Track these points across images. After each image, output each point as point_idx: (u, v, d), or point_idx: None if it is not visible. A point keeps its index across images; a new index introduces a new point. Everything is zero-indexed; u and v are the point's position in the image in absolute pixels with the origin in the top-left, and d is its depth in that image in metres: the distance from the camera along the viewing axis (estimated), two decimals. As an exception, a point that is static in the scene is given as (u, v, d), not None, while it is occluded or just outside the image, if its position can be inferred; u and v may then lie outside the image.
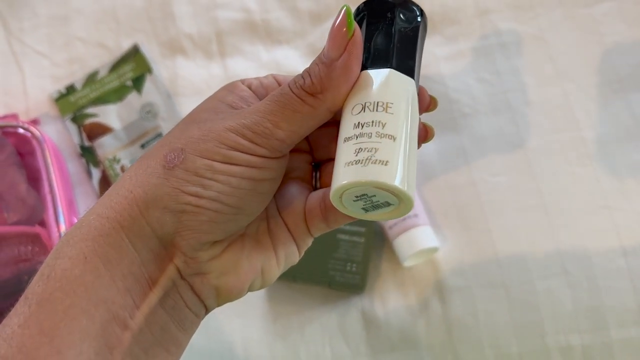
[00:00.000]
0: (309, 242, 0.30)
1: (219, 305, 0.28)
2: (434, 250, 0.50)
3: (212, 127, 0.25)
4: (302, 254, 0.30)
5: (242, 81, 0.28)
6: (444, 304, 0.49)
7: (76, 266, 0.24)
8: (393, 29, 0.26)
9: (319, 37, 0.59)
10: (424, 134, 0.27)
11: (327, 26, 0.59)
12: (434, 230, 0.51)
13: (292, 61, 0.59)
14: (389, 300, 0.50)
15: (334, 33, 0.24)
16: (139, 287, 0.25)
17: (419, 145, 0.26)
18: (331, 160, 0.29)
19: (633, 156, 0.52)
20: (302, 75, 0.25)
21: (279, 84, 0.29)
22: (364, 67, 0.26)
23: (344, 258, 0.50)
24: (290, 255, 0.29)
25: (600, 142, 0.53)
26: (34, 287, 0.24)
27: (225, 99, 0.27)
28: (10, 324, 0.23)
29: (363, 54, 0.26)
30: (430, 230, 0.50)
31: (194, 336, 0.28)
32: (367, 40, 0.27)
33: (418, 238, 0.49)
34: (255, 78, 0.29)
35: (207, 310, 0.28)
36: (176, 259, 0.25)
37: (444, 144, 0.54)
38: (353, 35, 0.24)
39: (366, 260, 0.50)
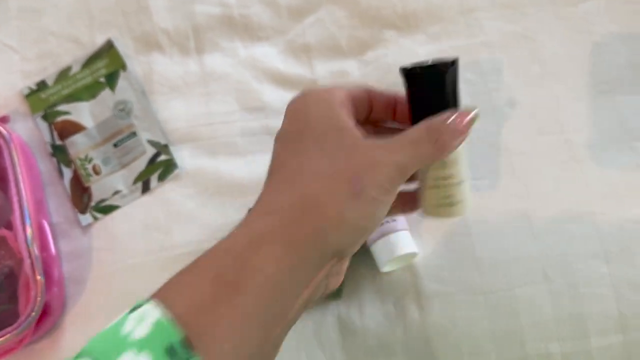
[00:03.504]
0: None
1: None
2: (412, 255, 0.49)
3: (374, 159, 0.31)
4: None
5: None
6: (422, 310, 0.48)
7: (270, 265, 0.30)
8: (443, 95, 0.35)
9: (299, 33, 0.57)
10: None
11: (307, 22, 0.57)
12: (413, 235, 0.49)
13: (271, 58, 0.57)
14: (366, 307, 0.49)
15: (465, 125, 0.36)
16: (301, 289, 0.31)
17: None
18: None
19: (619, 159, 0.51)
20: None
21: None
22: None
23: (320, 263, 0.49)
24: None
25: (586, 145, 0.52)
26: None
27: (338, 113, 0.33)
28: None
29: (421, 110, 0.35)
30: (408, 235, 0.49)
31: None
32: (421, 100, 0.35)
33: (396, 243, 0.48)
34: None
35: None
36: (333, 261, 0.32)
37: (425, 145, 0.53)
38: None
39: (343, 265, 0.49)
